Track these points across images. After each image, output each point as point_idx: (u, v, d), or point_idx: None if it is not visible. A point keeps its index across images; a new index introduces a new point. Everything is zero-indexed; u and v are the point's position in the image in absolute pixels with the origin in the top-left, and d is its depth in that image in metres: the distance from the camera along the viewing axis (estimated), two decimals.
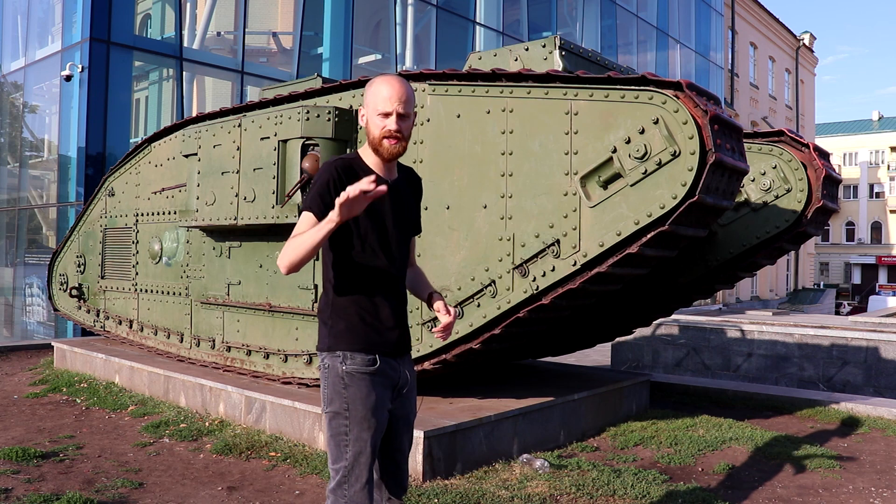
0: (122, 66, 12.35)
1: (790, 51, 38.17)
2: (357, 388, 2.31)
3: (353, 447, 2.31)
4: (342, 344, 2.33)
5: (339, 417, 2.32)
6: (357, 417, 2.31)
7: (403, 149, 2.36)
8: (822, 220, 5.07)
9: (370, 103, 2.33)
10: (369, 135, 2.34)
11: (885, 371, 9.30)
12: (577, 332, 5.93)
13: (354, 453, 2.30)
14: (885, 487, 4.32)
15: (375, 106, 2.30)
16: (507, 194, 4.18)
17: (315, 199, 2.26)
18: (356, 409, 2.31)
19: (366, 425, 2.30)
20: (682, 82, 3.53)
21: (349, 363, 2.32)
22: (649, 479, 4.18)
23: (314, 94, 5.35)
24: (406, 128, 2.33)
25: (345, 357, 2.33)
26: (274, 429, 5.06)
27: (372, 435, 2.31)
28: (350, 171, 2.31)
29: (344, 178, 2.28)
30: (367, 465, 2.32)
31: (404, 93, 2.30)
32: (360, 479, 2.30)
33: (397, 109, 2.28)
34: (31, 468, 4.36)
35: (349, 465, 2.31)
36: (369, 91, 2.34)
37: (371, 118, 2.32)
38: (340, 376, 2.32)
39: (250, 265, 5.78)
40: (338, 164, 2.34)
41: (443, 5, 17.23)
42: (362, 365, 2.32)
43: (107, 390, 6.54)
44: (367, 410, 2.30)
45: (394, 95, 2.28)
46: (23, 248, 15.05)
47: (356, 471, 2.30)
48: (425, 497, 3.82)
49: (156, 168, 6.97)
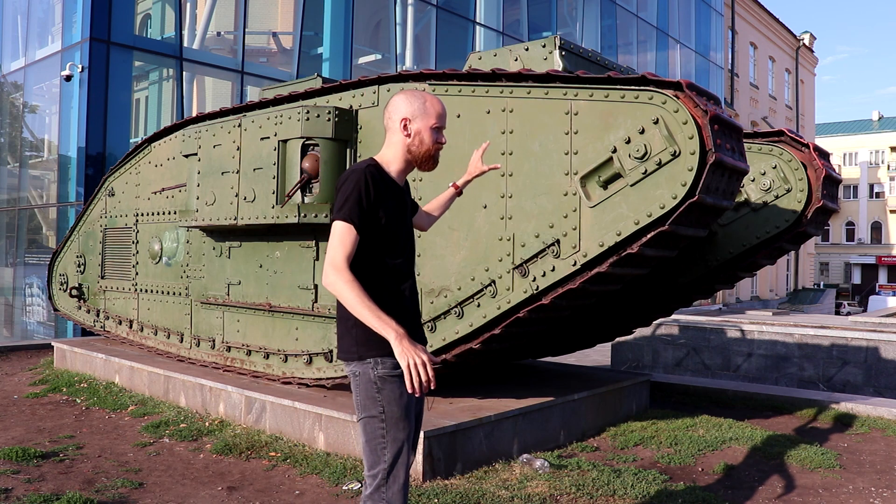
0: (122, 66, 12.35)
1: (790, 51, 38.17)
2: (390, 390, 2.35)
3: (391, 448, 2.35)
4: (372, 351, 2.36)
5: (375, 421, 2.36)
6: (393, 419, 2.35)
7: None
8: (822, 220, 5.07)
9: (425, 116, 2.44)
10: (420, 145, 2.45)
11: (885, 371, 9.30)
12: (577, 332, 5.93)
13: (393, 454, 2.35)
14: (885, 487, 4.32)
15: (431, 120, 2.44)
16: (507, 194, 4.18)
17: (355, 211, 2.29)
18: (392, 410, 2.35)
19: (402, 425, 2.36)
20: (682, 82, 3.53)
21: (380, 368, 2.36)
22: (649, 479, 4.18)
23: (314, 94, 5.35)
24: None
25: (375, 363, 2.36)
26: (274, 429, 5.06)
27: (408, 435, 2.37)
28: (381, 180, 2.39)
29: (377, 186, 2.35)
30: (405, 466, 2.37)
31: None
32: (398, 480, 2.34)
33: (444, 125, 2.49)
34: (31, 468, 4.36)
35: (388, 466, 2.35)
36: (423, 105, 2.45)
37: (425, 130, 2.44)
38: (373, 381, 2.36)
39: (250, 265, 5.78)
40: (371, 171, 2.37)
41: (443, 5, 17.23)
42: (392, 368, 2.35)
43: (107, 390, 6.54)
44: (401, 410, 2.36)
45: (444, 114, 2.48)
46: (23, 248, 15.05)
47: (395, 471, 2.34)
48: (425, 497, 3.82)
49: (156, 168, 6.97)
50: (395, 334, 2.15)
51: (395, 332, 2.15)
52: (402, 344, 2.14)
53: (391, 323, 2.18)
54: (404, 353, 2.12)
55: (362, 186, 2.31)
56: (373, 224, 2.34)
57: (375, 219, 2.34)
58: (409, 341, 2.15)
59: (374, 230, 2.34)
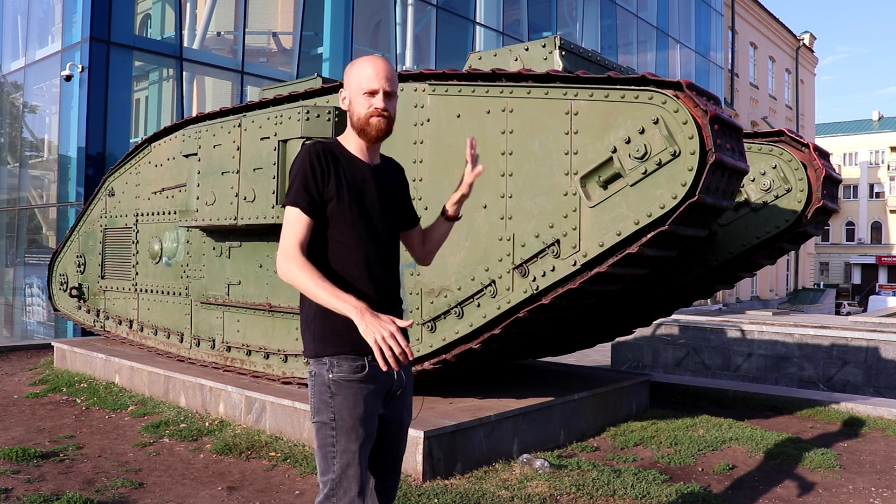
0: (122, 66, 12.35)
1: (790, 51, 38.17)
2: (344, 396, 2.19)
3: (341, 459, 2.19)
4: (328, 348, 2.21)
5: (326, 428, 2.20)
6: (344, 428, 2.18)
7: (390, 128, 2.26)
8: (822, 220, 5.07)
9: (353, 83, 2.23)
10: (353, 116, 2.24)
11: (885, 371, 9.30)
12: (577, 332, 5.93)
13: (342, 466, 2.19)
14: (885, 487, 4.32)
15: (360, 85, 2.21)
16: (507, 194, 4.18)
17: (301, 193, 2.17)
18: (343, 419, 2.18)
19: (353, 436, 2.19)
20: (682, 82, 3.53)
21: (336, 371, 2.19)
22: (649, 479, 4.18)
23: (314, 94, 5.36)
24: (392, 107, 2.24)
25: (332, 364, 2.20)
26: (274, 429, 5.06)
27: (360, 446, 2.20)
28: (331, 156, 2.22)
29: (325, 164, 2.20)
30: (357, 478, 2.20)
31: (389, 70, 2.22)
32: (348, 493, 2.18)
33: (384, 87, 2.19)
34: (31, 468, 4.36)
35: (336, 477, 2.19)
36: (351, 72, 2.25)
37: (355, 99, 2.23)
38: (327, 385, 2.20)
39: (250, 265, 5.78)
40: (316, 149, 2.22)
41: (443, 5, 17.23)
42: (350, 372, 2.19)
43: (107, 390, 6.54)
44: (354, 420, 2.19)
45: (379, 73, 2.19)
46: (23, 248, 15.05)
47: (344, 484, 2.18)
48: (425, 497, 3.82)
49: (156, 168, 6.97)
50: (356, 310, 1.99)
51: (355, 308, 1.99)
52: (365, 318, 1.97)
53: (350, 300, 2.01)
54: (368, 328, 1.95)
55: (307, 167, 2.18)
56: (326, 202, 2.19)
57: (327, 197, 2.19)
58: (372, 314, 1.98)
59: (328, 208, 2.19)
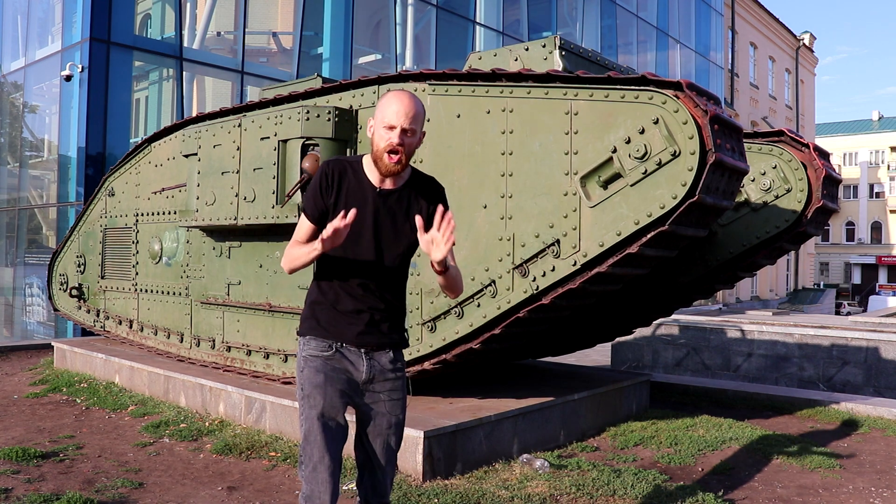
0: (122, 66, 12.35)
1: (790, 51, 38.16)
2: (309, 368, 2.42)
3: (304, 424, 2.38)
4: (305, 330, 2.48)
5: (299, 397, 2.43)
6: (305, 396, 2.40)
7: (402, 167, 2.37)
8: (822, 220, 5.07)
9: (378, 115, 2.37)
10: (373, 146, 2.37)
11: (885, 371, 9.30)
12: (577, 332, 5.93)
13: (304, 433, 2.37)
14: (885, 487, 4.32)
15: (383, 118, 2.34)
16: (507, 194, 4.18)
17: (308, 202, 2.42)
18: (305, 387, 2.41)
19: (311, 402, 2.37)
20: (682, 82, 3.53)
21: (306, 348, 2.45)
22: (649, 479, 4.18)
23: (314, 94, 5.35)
24: (409, 144, 2.35)
25: (306, 343, 2.46)
26: (274, 429, 5.06)
27: (320, 413, 2.36)
28: (343, 174, 2.41)
29: (335, 180, 2.39)
30: (320, 445, 2.32)
31: (413, 109, 2.32)
32: (311, 459, 2.33)
33: (402, 125, 2.31)
34: (31, 468, 4.36)
35: (301, 444, 2.38)
36: (381, 103, 2.38)
37: (377, 129, 2.36)
38: (301, 359, 2.46)
39: (250, 265, 5.78)
40: (330, 164, 2.43)
41: (443, 5, 17.23)
42: (317, 350, 2.42)
43: (107, 390, 6.54)
44: (312, 388, 2.38)
45: (401, 111, 2.31)
46: (23, 248, 15.05)
47: (307, 450, 2.34)
48: (425, 497, 3.82)
49: (156, 168, 6.97)
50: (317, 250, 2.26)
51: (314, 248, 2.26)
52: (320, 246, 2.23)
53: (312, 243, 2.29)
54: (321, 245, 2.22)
55: (318, 179, 2.40)
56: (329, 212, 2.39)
57: (329, 208, 2.39)
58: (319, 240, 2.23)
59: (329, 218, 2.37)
